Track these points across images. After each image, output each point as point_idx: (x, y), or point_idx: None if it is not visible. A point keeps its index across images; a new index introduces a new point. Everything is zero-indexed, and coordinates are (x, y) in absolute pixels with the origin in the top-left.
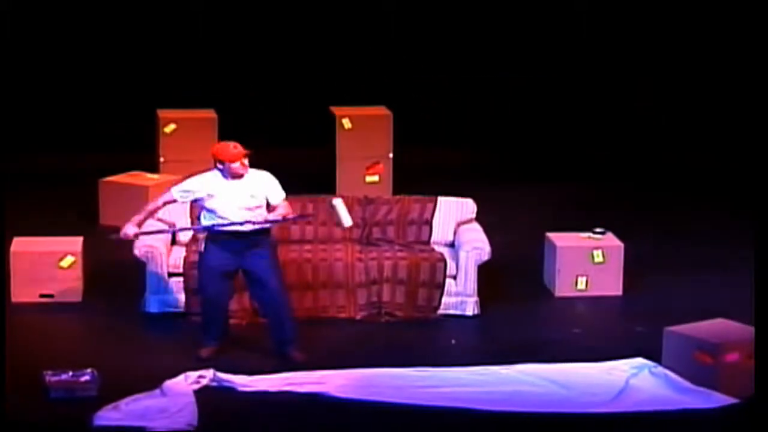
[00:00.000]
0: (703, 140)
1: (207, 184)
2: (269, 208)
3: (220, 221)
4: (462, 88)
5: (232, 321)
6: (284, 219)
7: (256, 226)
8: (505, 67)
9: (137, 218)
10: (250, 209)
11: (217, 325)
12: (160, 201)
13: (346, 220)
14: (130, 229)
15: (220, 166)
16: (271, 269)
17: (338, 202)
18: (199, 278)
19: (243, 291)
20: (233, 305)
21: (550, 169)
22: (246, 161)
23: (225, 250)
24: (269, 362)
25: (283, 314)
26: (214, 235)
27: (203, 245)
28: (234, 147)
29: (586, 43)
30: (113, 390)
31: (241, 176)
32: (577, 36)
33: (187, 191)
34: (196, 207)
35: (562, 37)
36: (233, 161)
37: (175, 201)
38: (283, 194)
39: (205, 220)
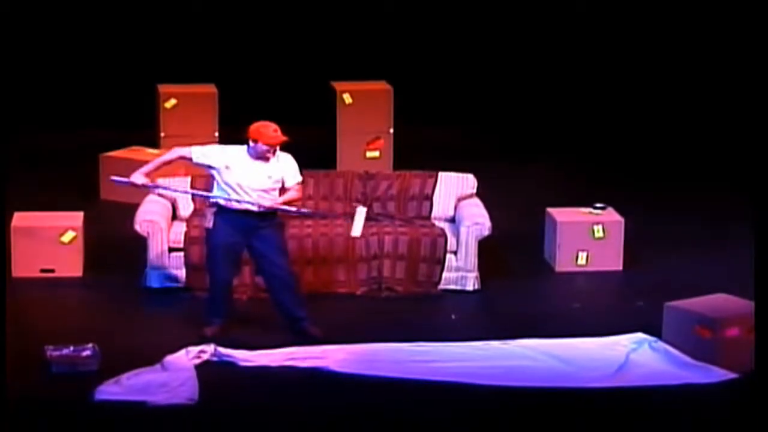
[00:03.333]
0: (703, 115)
1: (229, 156)
2: (282, 189)
3: (233, 196)
4: (463, 63)
5: (233, 296)
6: (298, 212)
7: (265, 209)
8: (507, 44)
9: (146, 168)
10: (264, 190)
11: (224, 302)
12: (175, 154)
13: (356, 231)
14: (138, 178)
15: (251, 144)
16: (279, 247)
17: (361, 212)
18: (207, 254)
19: (243, 266)
20: (234, 280)
21: (551, 145)
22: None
23: (233, 226)
24: (271, 337)
25: (291, 291)
26: (223, 211)
27: (211, 221)
28: (274, 131)
29: (587, 20)
30: (114, 364)
31: (267, 159)
32: (578, 12)
33: (207, 155)
34: (203, 180)
35: (562, 14)
36: (269, 145)
37: (190, 159)
38: (298, 178)
39: (218, 194)
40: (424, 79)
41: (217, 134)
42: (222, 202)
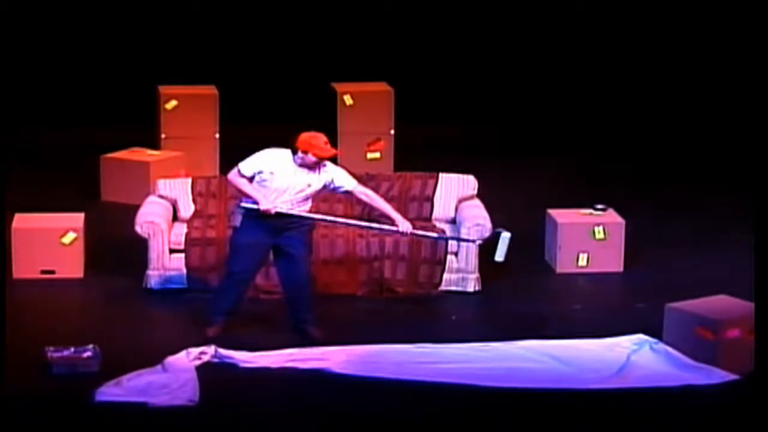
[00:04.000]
0: (703, 116)
1: (275, 162)
2: (347, 194)
3: (270, 198)
4: (463, 64)
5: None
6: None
7: (410, 229)
8: (507, 44)
9: (254, 193)
10: (301, 197)
11: (231, 300)
12: (240, 179)
13: (500, 255)
14: (268, 204)
15: (300, 154)
16: (305, 249)
17: (506, 238)
18: (229, 251)
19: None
20: (252, 281)
21: (552, 146)
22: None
23: (262, 227)
24: (271, 338)
25: (304, 293)
26: (252, 211)
27: (239, 220)
28: (325, 143)
29: (587, 20)
30: (115, 366)
31: (313, 170)
32: (578, 12)
33: (256, 164)
34: (203, 182)
35: (562, 14)
36: (319, 157)
37: (247, 177)
38: (354, 181)
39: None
40: (424, 80)
41: (217, 135)
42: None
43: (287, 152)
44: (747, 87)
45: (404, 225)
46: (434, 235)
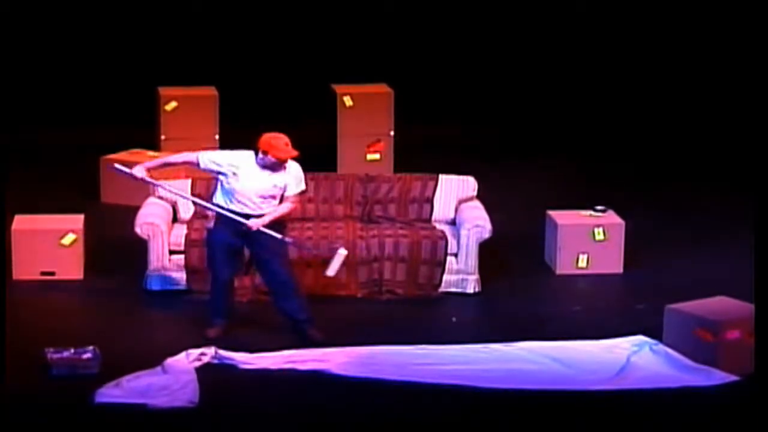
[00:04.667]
0: (703, 116)
1: (237, 163)
2: (282, 198)
3: (233, 204)
4: (463, 65)
5: (234, 297)
6: (282, 240)
7: (259, 226)
8: (507, 45)
9: (150, 164)
10: (265, 198)
11: (225, 301)
12: (181, 158)
13: (332, 271)
14: (139, 171)
15: (261, 155)
16: (277, 252)
17: (341, 255)
18: (207, 254)
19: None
20: (235, 279)
21: (551, 147)
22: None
23: (232, 228)
24: (271, 340)
25: (291, 296)
26: (226, 218)
27: (212, 222)
28: (286, 144)
29: (587, 21)
30: (115, 367)
31: (275, 170)
32: (577, 12)
33: (216, 162)
34: (204, 183)
35: (562, 14)
36: (279, 159)
37: (197, 165)
38: (301, 187)
39: (219, 197)
40: (424, 81)
41: (217, 137)
42: (216, 210)
43: (250, 153)
44: (747, 87)
45: (254, 222)
46: (278, 236)
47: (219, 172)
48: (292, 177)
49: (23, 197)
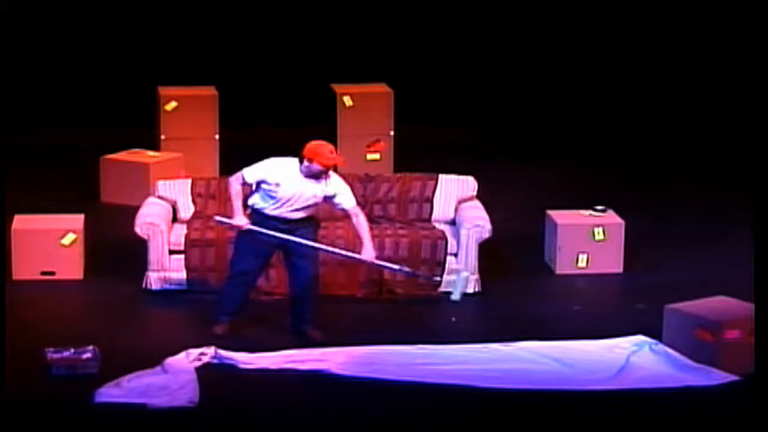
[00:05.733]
0: (703, 117)
1: (280, 173)
2: (343, 211)
3: (270, 208)
4: (463, 65)
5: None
6: (384, 265)
7: (373, 259)
8: (507, 45)
9: (238, 208)
10: (303, 207)
11: (236, 301)
12: (236, 187)
13: (456, 296)
14: (239, 220)
15: (306, 163)
16: (306, 254)
17: (464, 277)
18: (236, 252)
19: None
20: (257, 280)
21: (551, 147)
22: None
23: (267, 228)
24: (271, 339)
25: (308, 295)
26: (258, 213)
27: (246, 221)
28: (331, 152)
29: (586, 21)
30: (114, 367)
31: (319, 179)
32: (577, 13)
33: (260, 173)
34: (203, 183)
35: (561, 15)
36: (324, 167)
37: (246, 184)
38: (353, 199)
39: (258, 200)
40: (424, 82)
41: (217, 137)
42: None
43: (293, 161)
44: (747, 87)
45: (368, 254)
46: (396, 267)
47: (263, 181)
48: (343, 189)
49: (23, 197)
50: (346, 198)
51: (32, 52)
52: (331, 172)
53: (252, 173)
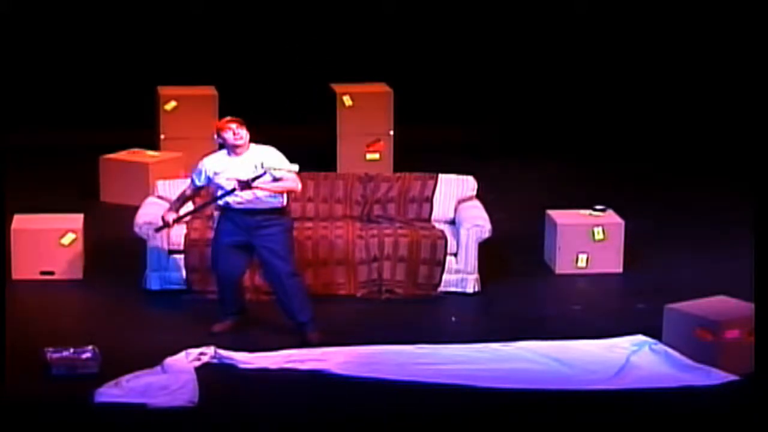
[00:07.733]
0: (703, 117)
1: (214, 162)
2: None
3: (234, 203)
4: (463, 65)
5: (242, 295)
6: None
7: (239, 198)
8: (507, 45)
9: (172, 206)
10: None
11: (231, 301)
12: (189, 190)
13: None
14: (170, 216)
15: (220, 141)
16: (280, 251)
17: None
18: (212, 253)
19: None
20: (241, 277)
21: (551, 147)
22: (241, 134)
23: (235, 225)
24: (271, 339)
25: (292, 296)
26: (226, 211)
27: (217, 222)
28: (230, 119)
29: (586, 21)
30: (114, 367)
31: (238, 148)
32: (577, 13)
33: (201, 171)
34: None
35: (561, 14)
36: (223, 129)
37: (197, 187)
38: (288, 165)
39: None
40: (424, 81)
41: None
42: (217, 203)
43: (222, 150)
44: (747, 87)
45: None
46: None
47: (208, 178)
48: (274, 155)
49: (23, 197)
50: (274, 163)
51: (32, 52)
52: (251, 144)
53: (196, 174)
